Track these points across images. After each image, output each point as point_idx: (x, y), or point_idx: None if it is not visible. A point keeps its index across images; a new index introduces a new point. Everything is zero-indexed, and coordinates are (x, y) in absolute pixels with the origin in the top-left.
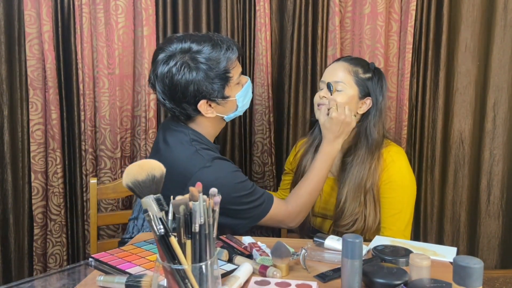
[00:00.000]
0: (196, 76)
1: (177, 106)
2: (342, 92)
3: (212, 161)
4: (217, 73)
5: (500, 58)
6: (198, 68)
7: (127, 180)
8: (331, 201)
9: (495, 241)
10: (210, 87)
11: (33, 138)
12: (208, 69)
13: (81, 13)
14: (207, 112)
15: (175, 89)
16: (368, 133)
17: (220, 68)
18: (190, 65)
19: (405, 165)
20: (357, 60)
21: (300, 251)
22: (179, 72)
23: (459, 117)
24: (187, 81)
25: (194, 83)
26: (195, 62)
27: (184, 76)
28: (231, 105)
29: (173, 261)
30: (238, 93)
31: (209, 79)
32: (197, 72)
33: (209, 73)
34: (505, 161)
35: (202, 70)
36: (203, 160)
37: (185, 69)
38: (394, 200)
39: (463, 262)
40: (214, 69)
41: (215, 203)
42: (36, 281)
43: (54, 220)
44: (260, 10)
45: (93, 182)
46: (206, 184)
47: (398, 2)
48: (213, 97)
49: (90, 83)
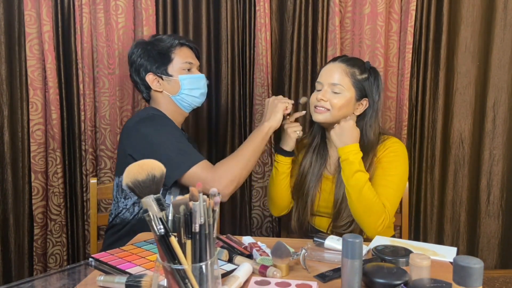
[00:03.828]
0: (142, 51)
1: (134, 81)
2: (340, 94)
3: (153, 115)
4: (157, 50)
5: (500, 58)
6: (146, 48)
7: (127, 180)
8: (329, 200)
9: (495, 241)
10: (153, 60)
11: (33, 138)
12: (152, 46)
13: (81, 13)
14: (154, 84)
15: (131, 67)
16: (364, 133)
17: (163, 48)
18: (138, 44)
19: (401, 145)
20: (353, 61)
21: (300, 251)
22: (132, 50)
23: (459, 117)
24: (134, 55)
25: (139, 56)
26: (146, 43)
27: (133, 53)
28: (174, 84)
29: (173, 261)
30: (182, 75)
31: (151, 53)
32: (144, 48)
33: (152, 50)
34: (505, 161)
35: (147, 47)
36: (147, 114)
37: (135, 48)
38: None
39: (463, 262)
40: (156, 46)
41: (215, 203)
42: (36, 281)
43: (54, 220)
44: (260, 10)
45: (93, 182)
46: (127, 125)
47: (398, 2)
48: (157, 72)
49: (90, 83)
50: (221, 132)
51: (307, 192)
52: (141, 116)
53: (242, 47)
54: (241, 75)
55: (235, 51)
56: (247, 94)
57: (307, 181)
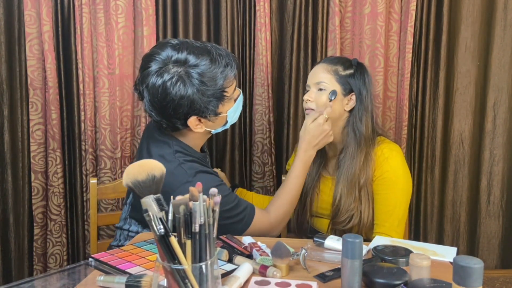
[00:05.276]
0: (192, 92)
1: (165, 119)
2: (325, 91)
3: (195, 175)
4: (213, 92)
5: (500, 58)
6: (193, 85)
7: (127, 180)
8: (328, 201)
9: (495, 241)
10: (204, 106)
11: (33, 138)
12: (204, 87)
13: (81, 13)
14: (196, 128)
15: (168, 104)
16: (355, 128)
17: (216, 87)
18: (185, 81)
19: (399, 161)
20: (337, 59)
21: (300, 251)
22: (174, 87)
23: (459, 117)
24: (182, 96)
25: (188, 100)
26: (191, 77)
27: (179, 92)
28: (221, 121)
29: (173, 261)
30: (230, 109)
31: (204, 97)
32: (192, 88)
33: (205, 91)
34: (505, 161)
35: (197, 87)
36: (185, 175)
37: (180, 85)
38: (387, 197)
39: (463, 262)
40: (210, 87)
41: (215, 203)
42: (36, 281)
43: (54, 220)
44: (260, 10)
45: (93, 182)
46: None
47: (398, 2)
48: (205, 115)
49: (90, 83)
50: (221, 132)
51: (305, 192)
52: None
53: (242, 47)
54: (241, 75)
55: (235, 51)
56: (247, 94)
57: (306, 181)
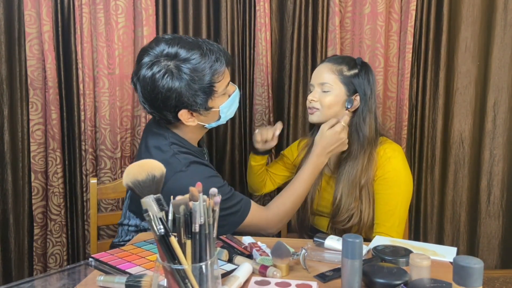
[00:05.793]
0: (179, 86)
1: (157, 111)
2: (329, 92)
3: (189, 165)
4: (200, 86)
5: (500, 58)
6: (181, 78)
7: (127, 180)
8: (329, 199)
9: (495, 241)
10: (192, 99)
11: (33, 138)
12: (191, 81)
13: (81, 13)
14: (188, 121)
15: (156, 96)
16: (359, 129)
17: (204, 81)
18: (173, 73)
19: (400, 162)
20: (341, 58)
21: (300, 251)
22: (162, 79)
23: (459, 117)
24: (169, 89)
25: (176, 92)
26: (179, 71)
27: (167, 84)
28: (213, 115)
29: (173, 261)
30: (222, 104)
31: (191, 90)
32: (180, 81)
33: (193, 85)
34: (505, 161)
35: (185, 81)
36: (179, 164)
37: (168, 77)
38: (388, 197)
39: (463, 262)
40: (198, 81)
41: (215, 203)
42: (36, 281)
43: (54, 220)
44: (260, 10)
45: (93, 182)
46: (180, 189)
47: (398, 2)
48: (194, 108)
49: (90, 83)
50: (221, 132)
51: None
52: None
53: (242, 47)
54: (241, 75)
55: (235, 51)
56: (247, 94)
57: None
